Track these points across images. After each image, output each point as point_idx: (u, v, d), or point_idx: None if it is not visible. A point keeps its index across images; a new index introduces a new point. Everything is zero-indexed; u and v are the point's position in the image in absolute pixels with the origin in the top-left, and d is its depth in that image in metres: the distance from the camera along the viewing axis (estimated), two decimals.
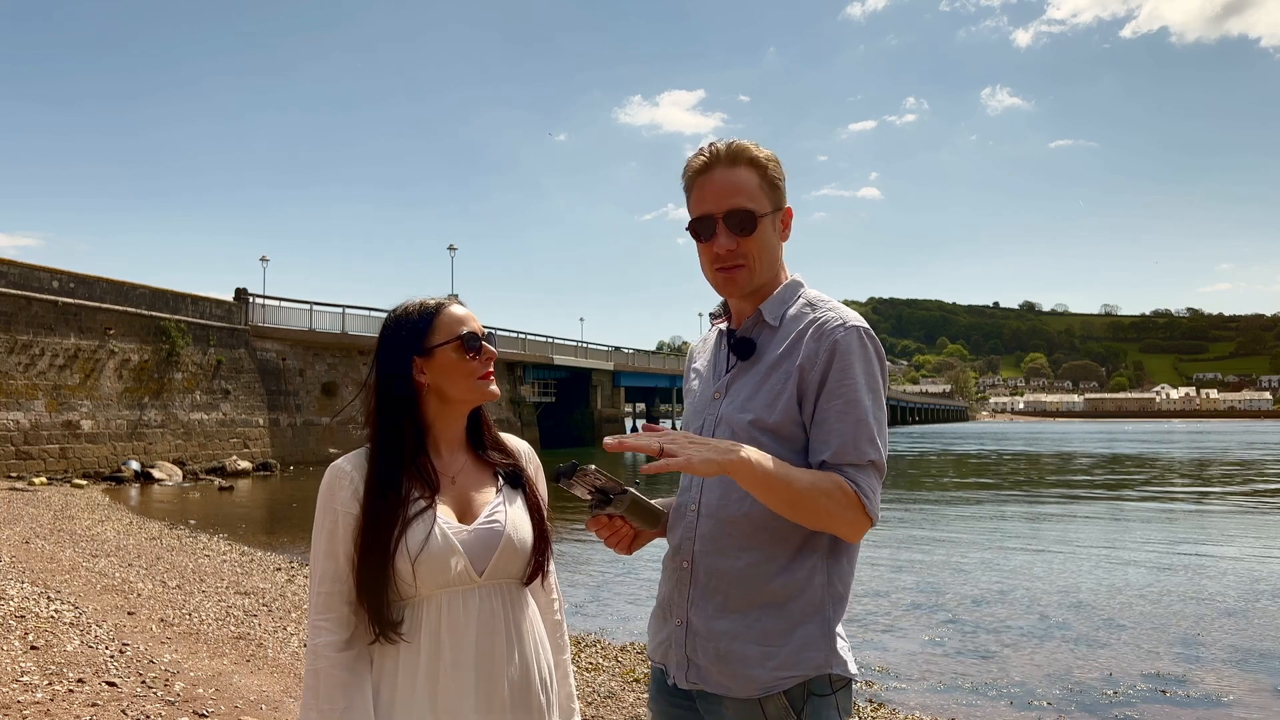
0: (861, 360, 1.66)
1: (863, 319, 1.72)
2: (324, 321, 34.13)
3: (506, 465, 1.88)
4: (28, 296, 23.49)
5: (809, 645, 1.66)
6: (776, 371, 1.71)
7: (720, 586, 1.70)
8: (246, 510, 18.89)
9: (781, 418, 1.68)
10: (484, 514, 1.79)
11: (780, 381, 1.70)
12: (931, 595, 9.91)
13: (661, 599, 1.84)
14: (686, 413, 1.93)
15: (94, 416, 24.94)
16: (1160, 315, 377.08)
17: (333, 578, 1.70)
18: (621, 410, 59.54)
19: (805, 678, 1.65)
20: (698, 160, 1.77)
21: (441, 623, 1.70)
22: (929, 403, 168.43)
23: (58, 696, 4.92)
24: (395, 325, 1.81)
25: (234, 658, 6.19)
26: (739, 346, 1.78)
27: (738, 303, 1.82)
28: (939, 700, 6.30)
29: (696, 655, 1.71)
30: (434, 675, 1.68)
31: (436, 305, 1.82)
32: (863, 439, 1.63)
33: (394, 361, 1.79)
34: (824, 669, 1.67)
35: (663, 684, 1.83)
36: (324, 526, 1.73)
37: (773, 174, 1.76)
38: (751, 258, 1.74)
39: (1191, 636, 8.16)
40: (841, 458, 1.62)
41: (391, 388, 1.78)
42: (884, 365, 1.73)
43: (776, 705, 1.65)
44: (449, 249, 49.24)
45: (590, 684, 6.10)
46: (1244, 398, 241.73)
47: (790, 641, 1.66)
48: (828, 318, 1.71)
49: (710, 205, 1.73)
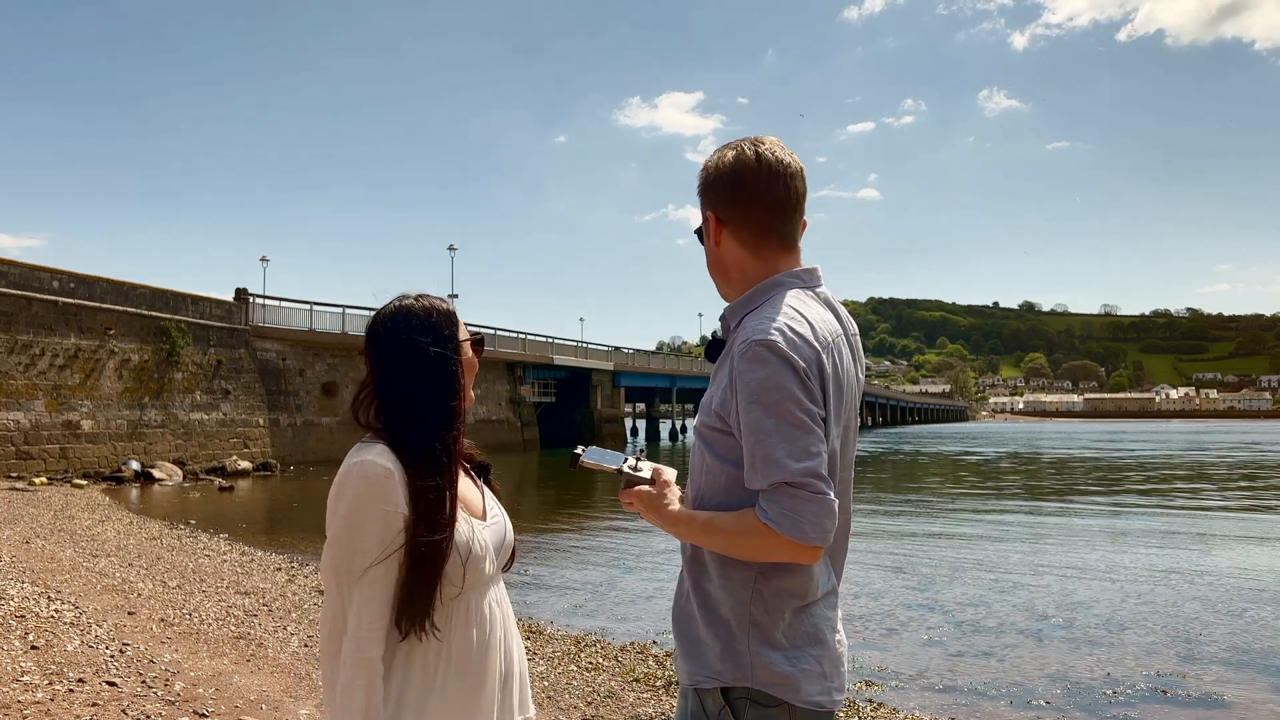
0: (751, 376, 1.58)
1: (773, 329, 1.60)
2: (324, 321, 34.13)
3: (476, 458, 1.91)
4: (28, 296, 23.49)
5: (720, 654, 1.66)
6: (715, 378, 1.74)
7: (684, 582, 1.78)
8: (247, 510, 18.90)
9: (714, 424, 1.68)
10: (489, 511, 1.83)
11: (716, 388, 1.70)
12: (931, 595, 9.91)
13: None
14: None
15: (94, 416, 24.94)
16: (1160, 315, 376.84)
17: (384, 584, 1.62)
18: (621, 410, 59.54)
19: (715, 684, 1.65)
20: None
21: (471, 618, 1.71)
22: (929, 403, 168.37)
23: (58, 696, 4.92)
24: (429, 315, 1.76)
25: (234, 658, 6.19)
26: (709, 350, 1.82)
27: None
28: (939, 700, 6.31)
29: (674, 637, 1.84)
30: (463, 670, 1.70)
31: (451, 304, 1.84)
32: (759, 461, 1.56)
33: (440, 351, 1.74)
34: (731, 682, 1.64)
35: None
36: (370, 529, 1.61)
37: (704, 183, 1.79)
38: (710, 268, 1.83)
39: (1191, 636, 8.16)
40: (752, 484, 1.58)
41: (445, 378, 1.73)
42: (794, 370, 1.58)
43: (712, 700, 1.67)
44: (449, 249, 49.31)
45: (590, 684, 6.09)
46: (1243, 398, 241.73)
47: (704, 644, 1.68)
48: (744, 331, 1.66)
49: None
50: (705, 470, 1.71)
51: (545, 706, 5.53)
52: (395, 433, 1.69)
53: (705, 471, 1.71)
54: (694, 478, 1.75)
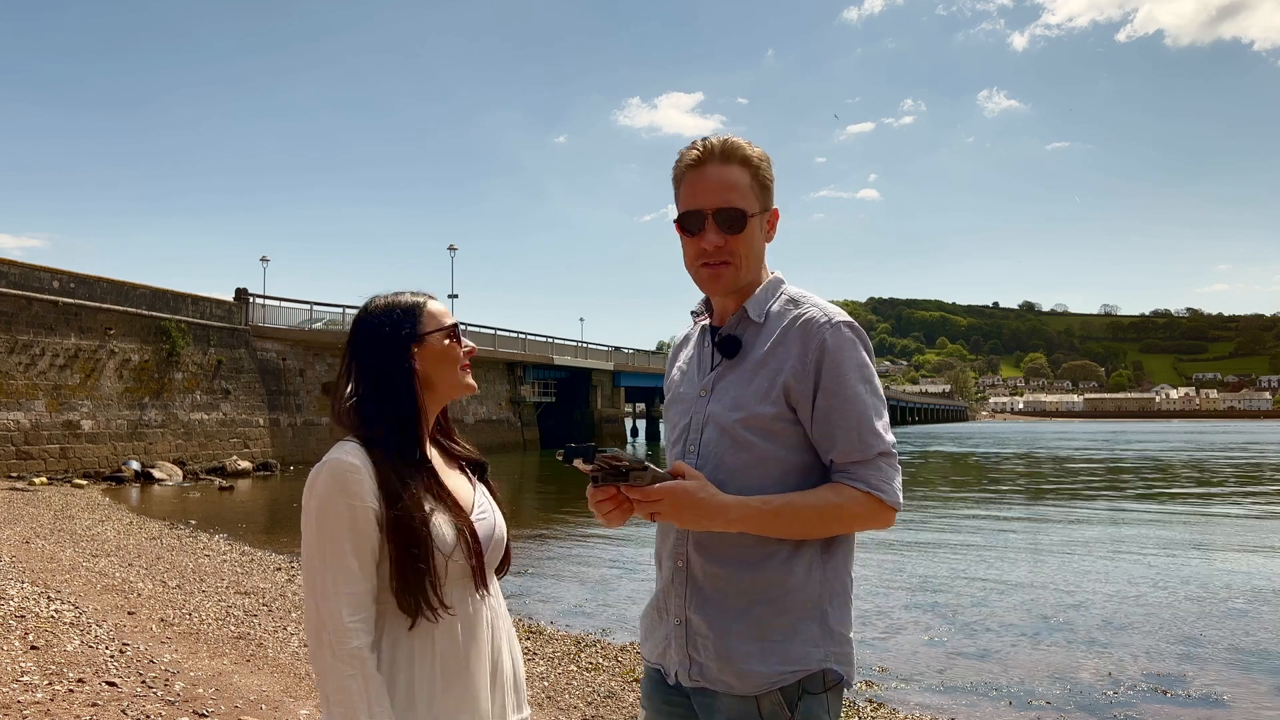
0: (852, 354, 1.69)
1: (845, 313, 1.73)
2: (324, 321, 34.15)
3: (471, 457, 1.90)
4: (28, 296, 23.49)
5: (807, 641, 1.67)
6: (764, 369, 1.72)
7: (718, 584, 1.71)
8: (246, 510, 18.89)
9: (771, 415, 1.69)
10: (475, 509, 1.80)
11: (768, 379, 1.70)
12: (931, 595, 9.91)
13: (657, 597, 1.84)
14: (671, 410, 1.91)
15: (94, 416, 24.94)
16: (1160, 315, 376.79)
17: (358, 577, 1.63)
18: (621, 410, 59.52)
19: (802, 674, 1.66)
20: (691, 154, 1.76)
21: (455, 615, 1.71)
22: (929, 403, 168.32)
23: (58, 696, 4.92)
24: (384, 315, 1.78)
25: (234, 658, 6.19)
26: (724, 344, 1.78)
27: (721, 300, 1.83)
28: (939, 700, 6.31)
29: (698, 653, 1.71)
30: (451, 665, 1.70)
31: (419, 297, 1.82)
32: (866, 433, 1.66)
33: (392, 350, 1.76)
34: (821, 665, 1.67)
35: (659, 683, 1.83)
36: (338, 525, 1.63)
37: (764, 174, 1.76)
38: (739, 256, 1.74)
39: (1191, 636, 8.16)
40: (848, 456, 1.66)
41: (396, 376, 1.75)
42: (872, 354, 1.74)
43: (771, 701, 1.65)
44: (449, 249, 49.16)
45: (590, 684, 6.09)
46: (1243, 398, 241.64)
47: (788, 638, 1.67)
48: (813, 314, 1.72)
49: (702, 200, 1.73)
50: (757, 464, 1.70)
51: (545, 706, 5.53)
52: (363, 430, 1.72)
53: (756, 465, 1.70)
54: (731, 475, 1.70)
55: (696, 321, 1.93)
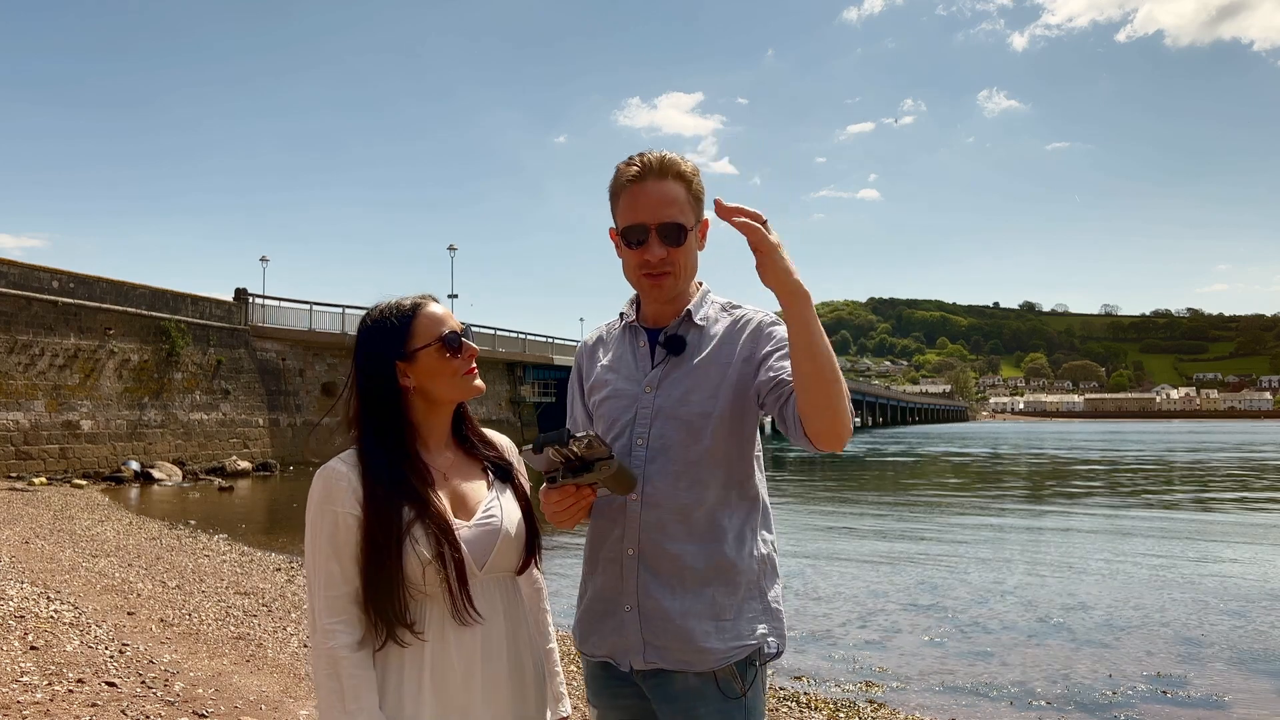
0: (780, 332, 1.86)
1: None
2: (324, 321, 34.14)
3: (494, 458, 1.90)
4: (28, 296, 23.49)
5: (754, 618, 1.82)
6: (713, 365, 1.85)
7: (673, 569, 1.81)
8: (246, 510, 18.89)
9: (725, 407, 1.82)
10: (481, 509, 1.80)
11: (719, 374, 1.84)
12: (931, 595, 9.91)
13: (599, 593, 1.91)
14: (608, 405, 1.94)
15: (94, 416, 24.94)
16: (1160, 315, 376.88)
17: (339, 580, 1.68)
18: None
19: (751, 648, 1.81)
20: (630, 170, 1.86)
21: (446, 619, 1.70)
22: (929, 403, 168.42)
23: (57, 697, 4.92)
24: (373, 329, 1.79)
25: (234, 658, 6.19)
26: (670, 343, 1.89)
27: (657, 305, 1.93)
28: (939, 700, 6.31)
29: (655, 636, 1.80)
30: (441, 671, 1.69)
31: (413, 306, 1.81)
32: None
33: (376, 366, 1.78)
34: (764, 639, 1.83)
35: (607, 678, 1.91)
36: (322, 530, 1.69)
37: (697, 188, 1.86)
38: (679, 266, 1.84)
39: (1191, 636, 8.15)
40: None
41: (376, 392, 1.77)
42: None
43: (726, 675, 1.79)
44: (449, 249, 49.12)
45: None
46: (1244, 398, 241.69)
47: (738, 615, 1.81)
48: (759, 317, 1.90)
49: (644, 215, 1.81)
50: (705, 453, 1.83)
51: None
52: (357, 439, 1.78)
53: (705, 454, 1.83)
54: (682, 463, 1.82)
55: (623, 321, 2.02)
